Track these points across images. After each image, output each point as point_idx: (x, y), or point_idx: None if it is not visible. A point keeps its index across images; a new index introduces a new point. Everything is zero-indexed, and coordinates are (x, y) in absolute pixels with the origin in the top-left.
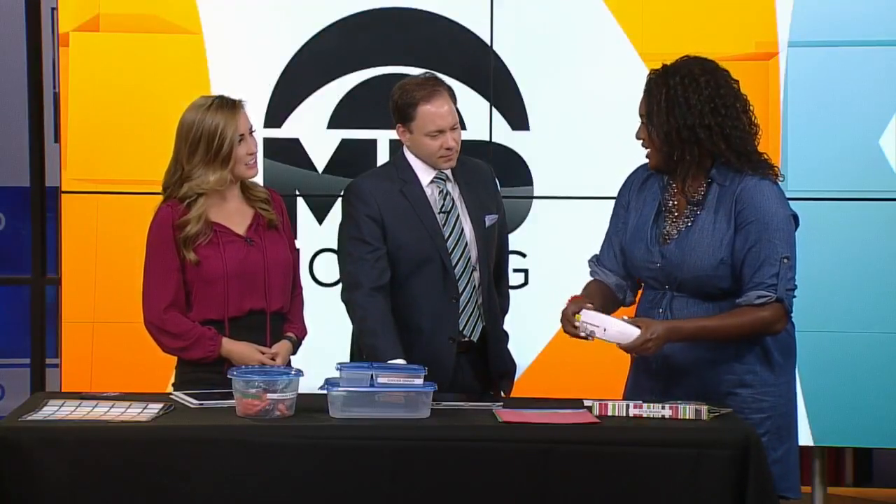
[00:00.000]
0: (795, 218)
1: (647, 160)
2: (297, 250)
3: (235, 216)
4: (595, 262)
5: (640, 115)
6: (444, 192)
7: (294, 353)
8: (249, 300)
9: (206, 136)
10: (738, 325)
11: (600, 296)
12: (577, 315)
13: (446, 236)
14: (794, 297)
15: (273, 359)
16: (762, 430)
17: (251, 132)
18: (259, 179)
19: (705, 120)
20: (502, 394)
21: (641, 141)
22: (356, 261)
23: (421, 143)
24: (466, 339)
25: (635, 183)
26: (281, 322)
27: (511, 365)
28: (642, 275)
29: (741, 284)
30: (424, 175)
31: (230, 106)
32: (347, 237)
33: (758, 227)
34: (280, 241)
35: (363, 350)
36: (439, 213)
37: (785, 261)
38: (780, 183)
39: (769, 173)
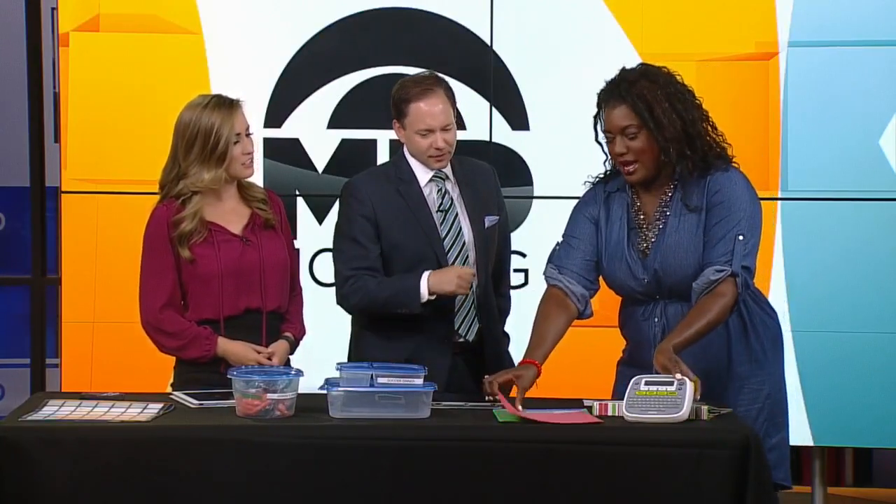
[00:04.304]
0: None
1: (590, 181)
2: (297, 251)
3: (231, 215)
4: (556, 270)
5: (621, 129)
6: (443, 191)
7: (292, 352)
8: (245, 299)
9: (202, 135)
10: (715, 319)
11: (554, 333)
12: None
13: (443, 235)
14: (751, 279)
15: (269, 358)
16: (760, 419)
17: (248, 133)
18: (259, 179)
19: (699, 112)
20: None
21: (621, 156)
22: (349, 259)
23: (413, 141)
24: (462, 339)
25: (598, 200)
26: (278, 322)
27: (511, 367)
28: (628, 293)
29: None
30: (423, 174)
31: (227, 105)
32: (341, 236)
33: (720, 209)
34: (277, 240)
35: (393, 309)
36: (437, 212)
37: (740, 238)
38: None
39: (733, 165)
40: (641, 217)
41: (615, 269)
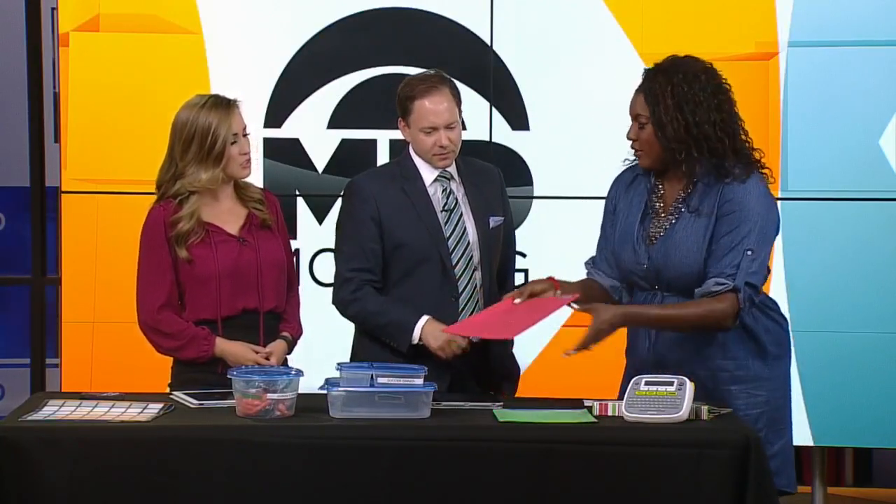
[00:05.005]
0: (778, 223)
1: (629, 160)
2: (296, 251)
3: (228, 216)
4: (591, 264)
5: (635, 116)
6: (448, 190)
7: (289, 352)
8: (242, 300)
9: (199, 135)
10: (693, 316)
11: (592, 291)
12: None
13: (447, 235)
14: (756, 296)
15: (267, 358)
16: (759, 425)
17: (245, 133)
18: (259, 179)
19: (711, 116)
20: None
21: (633, 141)
22: (349, 259)
23: (417, 139)
24: (466, 339)
25: (622, 185)
26: (275, 321)
27: (514, 367)
28: (632, 277)
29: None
30: (428, 173)
31: (225, 105)
32: (343, 236)
33: (731, 219)
34: (274, 240)
35: (383, 337)
36: (441, 212)
37: (749, 253)
38: (769, 183)
39: (759, 172)
40: (660, 205)
41: (622, 249)
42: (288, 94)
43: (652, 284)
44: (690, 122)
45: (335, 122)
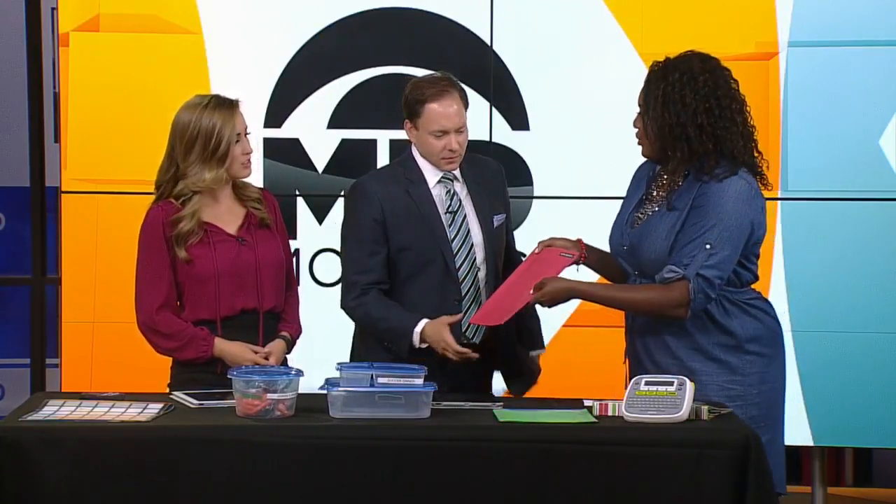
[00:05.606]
0: (757, 225)
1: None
2: (296, 251)
3: (227, 216)
4: None
5: (639, 105)
6: (452, 192)
7: (288, 352)
8: (241, 299)
9: (203, 135)
10: (639, 300)
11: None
12: None
13: (451, 237)
14: (711, 290)
15: (266, 358)
16: None
17: (246, 133)
18: (259, 179)
19: (698, 119)
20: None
21: (637, 130)
22: (354, 262)
23: (425, 142)
24: (468, 341)
25: (640, 171)
26: (274, 321)
27: (522, 365)
28: (618, 259)
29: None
30: (431, 175)
31: (227, 105)
32: (348, 239)
33: (698, 213)
34: (272, 240)
35: (385, 342)
36: (445, 214)
37: (707, 246)
38: (760, 188)
39: (749, 175)
40: (656, 194)
41: (613, 230)
42: (288, 94)
43: (633, 268)
44: (673, 123)
45: (335, 122)
